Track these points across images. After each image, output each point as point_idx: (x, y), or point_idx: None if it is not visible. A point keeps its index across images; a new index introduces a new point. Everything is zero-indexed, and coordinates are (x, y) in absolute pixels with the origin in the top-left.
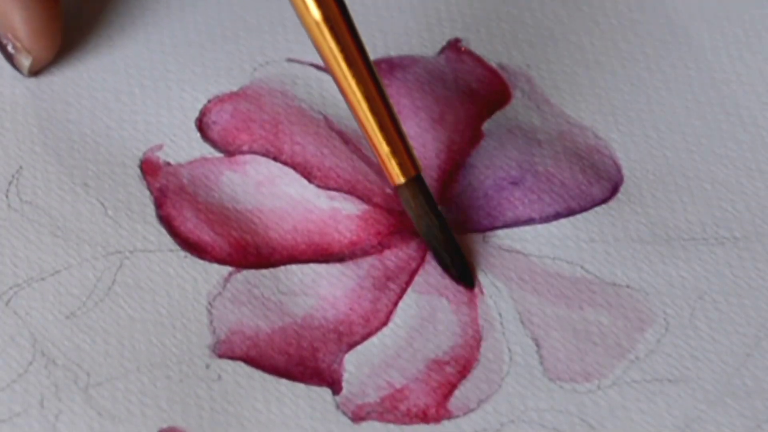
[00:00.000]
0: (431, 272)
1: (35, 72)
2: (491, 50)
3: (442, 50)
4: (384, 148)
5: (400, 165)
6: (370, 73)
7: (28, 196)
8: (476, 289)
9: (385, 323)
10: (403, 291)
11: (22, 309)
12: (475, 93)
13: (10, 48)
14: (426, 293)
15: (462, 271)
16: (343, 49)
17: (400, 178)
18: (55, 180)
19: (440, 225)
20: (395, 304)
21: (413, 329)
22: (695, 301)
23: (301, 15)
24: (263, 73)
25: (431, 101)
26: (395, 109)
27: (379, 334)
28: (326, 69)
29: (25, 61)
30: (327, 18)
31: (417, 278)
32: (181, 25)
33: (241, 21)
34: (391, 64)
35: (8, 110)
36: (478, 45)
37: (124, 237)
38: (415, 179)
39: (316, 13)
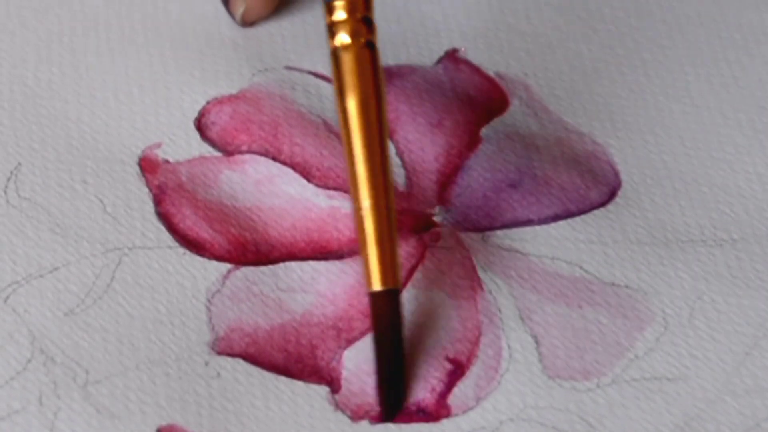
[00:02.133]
0: (430, 268)
1: (248, 23)
2: (489, 59)
3: (440, 60)
4: (374, 252)
5: (383, 273)
6: (384, 178)
7: (27, 193)
8: (476, 285)
9: None
10: (403, 287)
11: (21, 306)
12: (473, 100)
13: None
14: (425, 289)
15: (393, 401)
16: (368, 145)
17: (377, 285)
18: (53, 177)
19: (397, 348)
20: None
21: (412, 325)
22: (694, 301)
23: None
24: (262, 78)
25: (429, 107)
26: (395, 224)
27: None
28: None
29: (240, 7)
30: (364, 109)
31: (416, 274)
32: (180, 30)
33: (240, 30)
34: (389, 73)
35: (7, 107)
36: (475, 54)
37: (122, 234)
38: (393, 292)
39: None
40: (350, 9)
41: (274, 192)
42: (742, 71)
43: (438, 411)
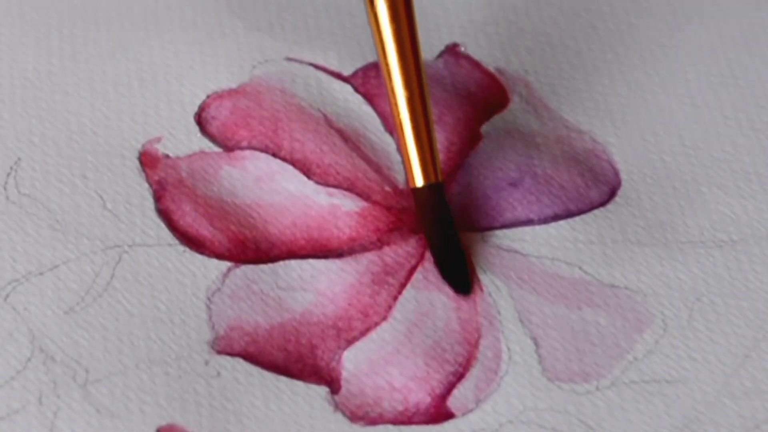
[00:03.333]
0: (430, 269)
1: None
2: (489, 55)
3: (441, 54)
4: (413, 147)
5: (424, 169)
6: (418, 73)
7: (27, 189)
8: (476, 286)
9: (384, 318)
10: (402, 287)
11: (21, 304)
12: (474, 96)
13: None
14: (425, 289)
15: (461, 283)
16: (399, 44)
17: (420, 181)
18: (53, 172)
19: (449, 237)
20: (394, 299)
21: (412, 325)
22: (693, 302)
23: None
24: (262, 70)
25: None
26: (432, 117)
27: (378, 329)
28: (376, 58)
29: None
30: (393, 11)
31: (416, 274)
32: (180, 22)
33: (241, 20)
34: None
35: (7, 101)
36: (476, 50)
37: (122, 231)
38: (436, 186)
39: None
40: None
41: (274, 189)
42: (742, 70)
43: (438, 413)
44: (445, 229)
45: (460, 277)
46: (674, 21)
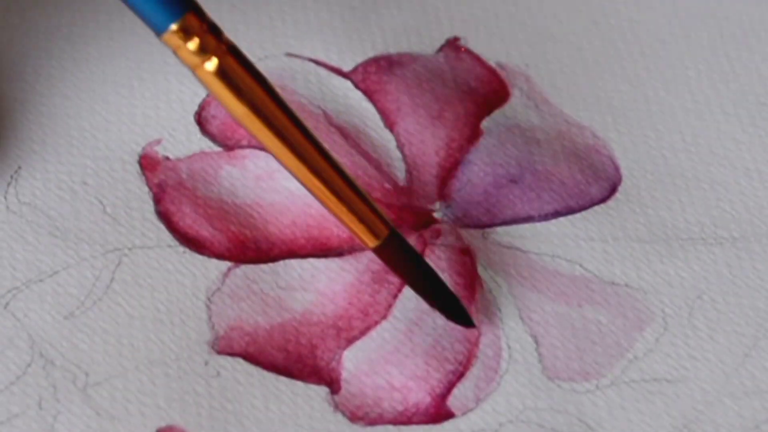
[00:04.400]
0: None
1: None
2: (490, 49)
3: (441, 48)
4: (348, 217)
5: (371, 229)
6: (315, 147)
7: (27, 197)
8: (476, 284)
9: (384, 317)
10: (403, 285)
11: (21, 311)
12: (474, 91)
13: None
14: None
15: (460, 315)
16: (282, 134)
17: (374, 242)
18: (53, 179)
19: (427, 274)
20: (395, 298)
21: (412, 323)
22: (694, 300)
23: (228, 109)
24: (262, 67)
25: (430, 98)
26: (349, 172)
27: (378, 328)
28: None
29: None
30: (254, 108)
31: None
32: None
33: (241, 15)
34: (390, 61)
35: (6, 107)
36: (476, 44)
37: (122, 234)
38: (390, 237)
39: (239, 108)
40: (194, 31)
41: (274, 188)
42: (742, 67)
43: (438, 413)
44: (425, 269)
45: (459, 308)
46: (675, 17)
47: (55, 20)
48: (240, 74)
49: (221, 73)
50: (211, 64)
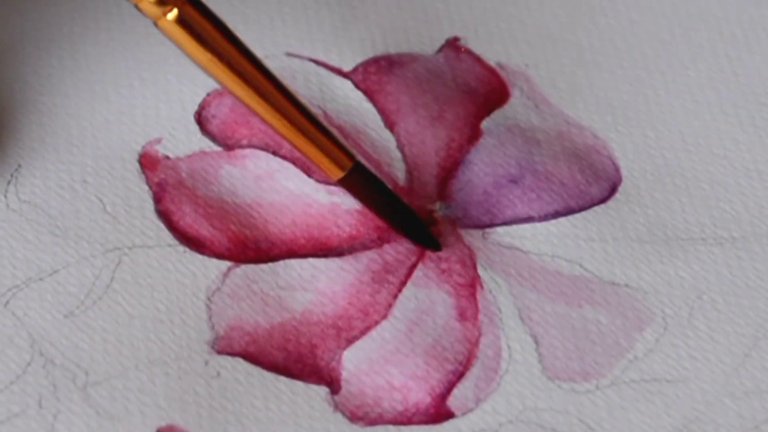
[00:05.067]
0: (431, 267)
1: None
2: (490, 49)
3: (441, 48)
4: (311, 150)
5: (335, 161)
6: (277, 87)
7: (27, 196)
8: (476, 284)
9: (384, 317)
10: (403, 285)
11: (21, 310)
12: (474, 91)
13: None
14: (425, 287)
15: (429, 241)
16: (245, 77)
17: (338, 173)
18: (54, 178)
19: (391, 201)
20: (395, 297)
21: (412, 323)
22: (694, 300)
23: (191, 58)
24: None
25: (430, 99)
26: (308, 106)
27: (379, 328)
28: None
29: None
30: (217, 54)
31: (416, 272)
32: None
33: (240, 14)
34: (390, 61)
35: (6, 107)
36: (476, 44)
37: (122, 233)
38: (354, 168)
39: (202, 55)
40: None
41: (274, 188)
42: (742, 67)
43: (438, 413)
44: (389, 196)
45: (427, 234)
46: (675, 17)
47: (55, 19)
48: (200, 22)
49: (182, 21)
50: (172, 14)
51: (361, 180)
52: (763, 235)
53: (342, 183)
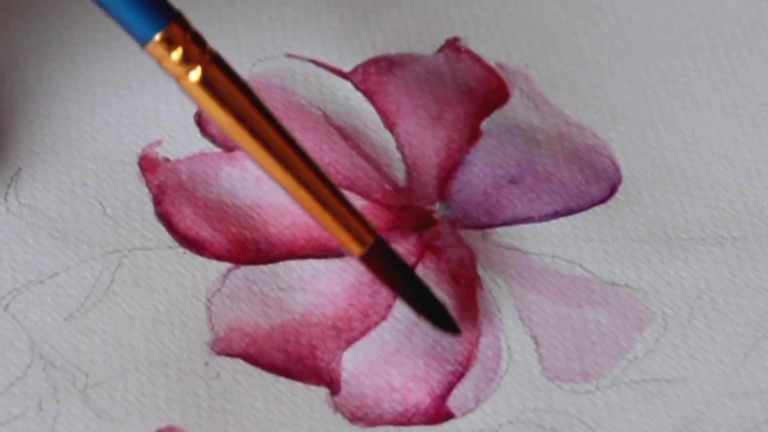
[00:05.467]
0: (431, 267)
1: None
2: (490, 49)
3: (441, 49)
4: (332, 225)
5: (356, 237)
6: (299, 156)
7: (27, 199)
8: (476, 284)
9: (384, 318)
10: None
11: (21, 313)
12: (474, 92)
13: None
14: None
15: (448, 323)
16: (266, 143)
17: (358, 250)
18: (54, 181)
19: (413, 282)
20: (394, 298)
21: (412, 324)
22: (694, 300)
23: (212, 119)
24: (262, 68)
25: (430, 99)
26: (333, 180)
27: (378, 329)
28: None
29: None
30: (239, 118)
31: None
32: None
33: (240, 15)
34: (390, 62)
35: (6, 109)
36: (476, 44)
37: (122, 236)
38: (377, 245)
39: (223, 117)
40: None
41: (274, 189)
42: (742, 67)
43: (437, 413)
44: (411, 277)
45: (446, 317)
46: (675, 17)
47: (55, 23)
48: (224, 83)
49: (205, 82)
50: (195, 73)
51: (382, 257)
52: (763, 235)
53: (363, 260)
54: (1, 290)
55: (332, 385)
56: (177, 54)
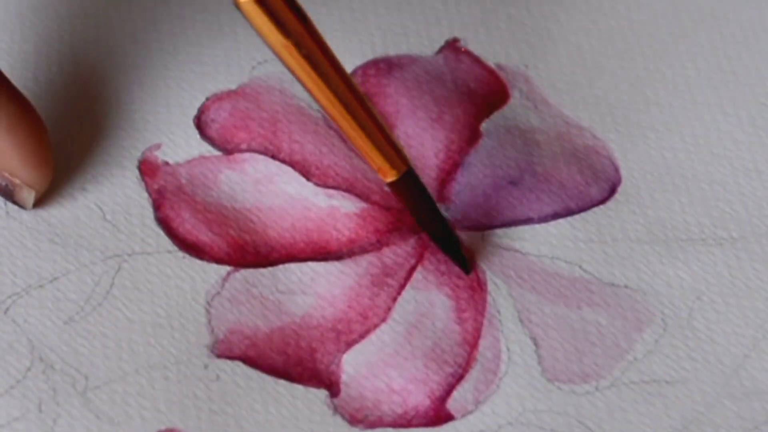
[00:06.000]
0: (430, 269)
1: (36, 203)
2: (489, 50)
3: (441, 50)
4: (368, 148)
5: (390, 162)
6: (345, 81)
7: None
8: (475, 285)
9: (383, 320)
10: (402, 288)
11: (21, 317)
12: (474, 93)
13: (9, 186)
14: (425, 290)
15: (460, 261)
16: (311, 59)
17: (390, 176)
18: (53, 185)
19: (436, 217)
20: (394, 300)
21: (412, 326)
22: (693, 301)
23: (264, 38)
24: (262, 71)
25: (430, 100)
26: (373, 106)
27: (378, 331)
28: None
29: (29, 196)
30: (292, 39)
31: (415, 275)
32: (179, 22)
33: (240, 18)
34: (390, 63)
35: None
36: (476, 45)
37: (122, 240)
38: (407, 174)
39: (277, 39)
40: None
41: (273, 192)
42: (742, 68)
43: (437, 415)
44: (434, 211)
45: (460, 254)
46: (675, 17)
47: (54, 25)
48: (278, 4)
49: (261, 2)
50: None
51: (410, 187)
52: (763, 236)
53: (392, 185)
54: (1, 294)
55: (332, 387)
56: None
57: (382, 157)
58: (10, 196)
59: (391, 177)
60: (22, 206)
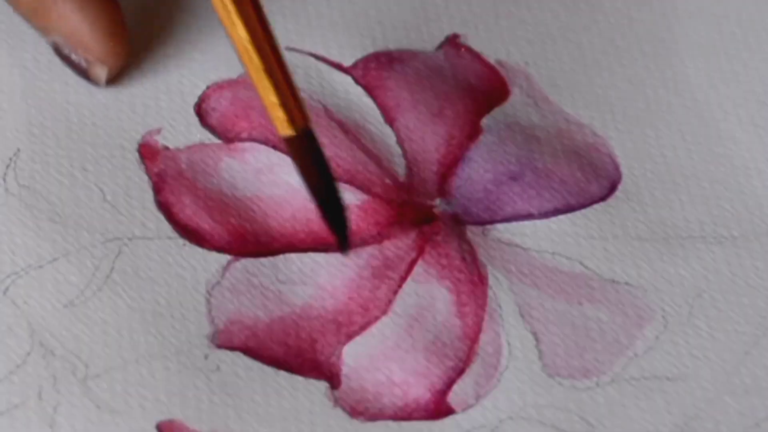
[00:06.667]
0: (431, 262)
1: (111, 80)
2: (490, 47)
3: (441, 45)
4: (271, 98)
5: (290, 116)
6: (259, 20)
7: (26, 180)
8: (476, 280)
9: (384, 312)
10: (403, 280)
11: (20, 298)
12: (474, 89)
13: (83, 63)
14: (426, 283)
15: (341, 236)
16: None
17: (288, 130)
18: (53, 163)
19: (329, 185)
20: (395, 293)
21: (412, 319)
22: (694, 299)
23: None
24: None
25: (430, 95)
26: (287, 61)
27: (379, 323)
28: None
29: (101, 72)
30: None
31: (416, 268)
32: (180, 11)
33: None
34: (390, 58)
35: (6, 91)
36: (476, 41)
37: (122, 224)
38: (306, 132)
39: None
40: None
41: (274, 181)
42: (742, 66)
43: (437, 409)
44: (325, 176)
45: (343, 229)
46: (674, 16)
47: None
48: None
49: None
50: None
51: (306, 147)
52: (763, 234)
53: (289, 141)
54: (0, 273)
55: (332, 379)
56: None
57: (284, 111)
58: (84, 73)
59: (289, 132)
60: (96, 83)
